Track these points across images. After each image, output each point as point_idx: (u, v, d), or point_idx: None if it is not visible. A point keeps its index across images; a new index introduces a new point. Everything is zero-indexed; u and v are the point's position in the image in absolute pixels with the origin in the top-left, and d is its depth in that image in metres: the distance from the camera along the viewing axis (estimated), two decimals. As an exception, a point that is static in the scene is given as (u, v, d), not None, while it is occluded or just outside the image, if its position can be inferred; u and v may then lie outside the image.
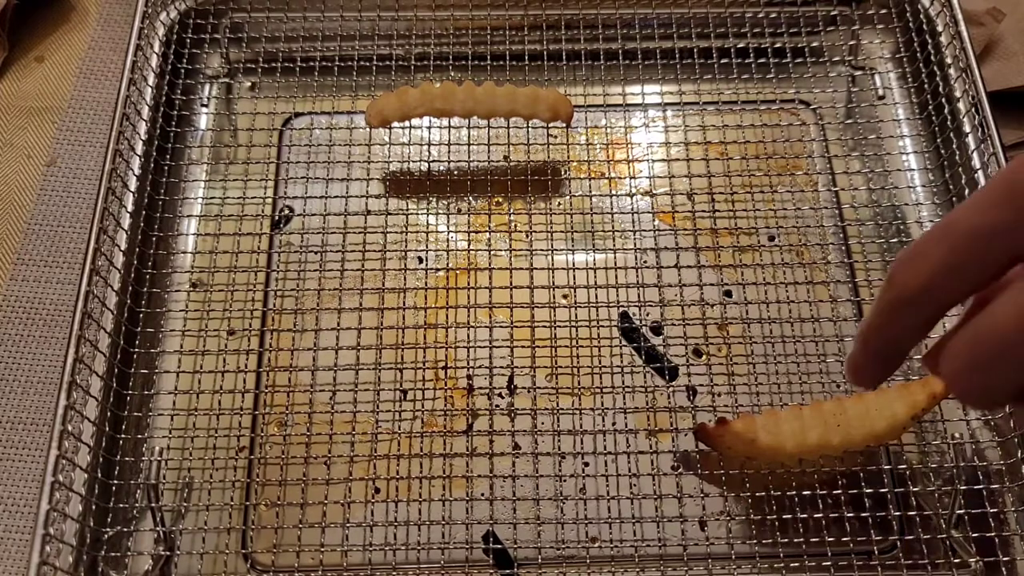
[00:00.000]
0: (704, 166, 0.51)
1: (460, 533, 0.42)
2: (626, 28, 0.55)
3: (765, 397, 0.44)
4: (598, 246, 0.49)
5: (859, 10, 0.54)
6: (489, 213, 0.50)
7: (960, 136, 0.49)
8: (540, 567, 0.41)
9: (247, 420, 0.44)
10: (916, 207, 0.50)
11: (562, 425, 0.44)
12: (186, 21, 0.54)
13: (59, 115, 0.55)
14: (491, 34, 0.55)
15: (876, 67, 0.55)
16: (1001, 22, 0.54)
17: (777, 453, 0.40)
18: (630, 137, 0.53)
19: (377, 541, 0.42)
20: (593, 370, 0.46)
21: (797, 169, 0.52)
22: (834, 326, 0.46)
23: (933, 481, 0.43)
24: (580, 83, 0.54)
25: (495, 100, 0.47)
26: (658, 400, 0.45)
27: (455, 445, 0.44)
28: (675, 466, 0.44)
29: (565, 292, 0.48)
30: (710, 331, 0.47)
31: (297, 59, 0.54)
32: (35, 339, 0.48)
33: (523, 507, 0.42)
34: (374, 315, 0.47)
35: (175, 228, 0.50)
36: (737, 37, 0.54)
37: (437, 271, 0.49)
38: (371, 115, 0.48)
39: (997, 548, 0.41)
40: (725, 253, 0.49)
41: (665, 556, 0.41)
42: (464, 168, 0.52)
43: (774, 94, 0.55)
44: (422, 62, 0.55)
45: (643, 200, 0.51)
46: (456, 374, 0.46)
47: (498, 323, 0.47)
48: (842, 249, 0.49)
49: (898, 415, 0.40)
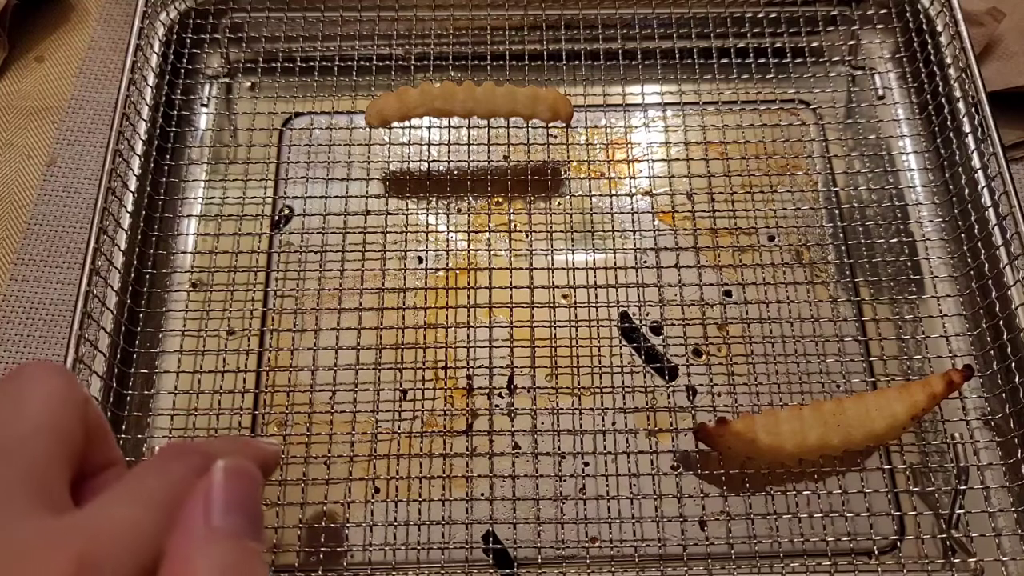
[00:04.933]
0: (704, 166, 0.51)
1: (460, 533, 0.42)
2: (626, 28, 0.54)
3: (765, 397, 0.44)
4: (598, 246, 0.49)
5: (859, 10, 0.54)
6: (489, 213, 0.50)
7: (960, 136, 0.49)
8: (540, 567, 0.41)
9: (247, 420, 0.44)
10: (916, 207, 0.50)
11: (562, 425, 0.44)
12: (186, 21, 0.54)
13: (59, 115, 0.55)
14: (491, 34, 0.54)
15: (876, 67, 0.55)
16: (1001, 22, 0.54)
17: (777, 453, 0.40)
18: (630, 137, 0.53)
19: (377, 541, 0.42)
20: (593, 370, 0.46)
21: (797, 169, 0.52)
22: (834, 326, 0.46)
23: (933, 481, 0.43)
24: (580, 83, 0.54)
25: (495, 100, 0.47)
26: (658, 400, 0.45)
27: (455, 445, 0.44)
28: (675, 466, 0.44)
29: (565, 292, 0.48)
30: (710, 331, 0.47)
31: (297, 59, 0.54)
32: (35, 339, 0.48)
33: (523, 507, 0.42)
34: (374, 315, 0.47)
35: (175, 228, 0.50)
36: (737, 37, 0.54)
37: (437, 271, 0.49)
38: (371, 115, 0.48)
39: (997, 548, 0.41)
40: (725, 253, 0.49)
41: (665, 556, 0.41)
42: (464, 168, 0.52)
43: (774, 94, 0.55)
44: (422, 62, 0.55)
45: (643, 200, 0.51)
46: (456, 374, 0.46)
47: (498, 323, 0.47)
48: (842, 249, 0.49)
49: (898, 415, 0.40)
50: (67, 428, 0.21)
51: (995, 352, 0.45)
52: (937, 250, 0.48)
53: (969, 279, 0.47)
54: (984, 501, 0.42)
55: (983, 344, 0.46)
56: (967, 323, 0.46)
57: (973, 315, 0.46)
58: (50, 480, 0.20)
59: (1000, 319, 0.45)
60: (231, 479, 0.20)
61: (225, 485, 0.20)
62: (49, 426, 0.21)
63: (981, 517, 0.41)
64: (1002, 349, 0.44)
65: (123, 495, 0.20)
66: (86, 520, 0.19)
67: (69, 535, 0.19)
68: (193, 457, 0.21)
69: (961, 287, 0.47)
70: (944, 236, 0.49)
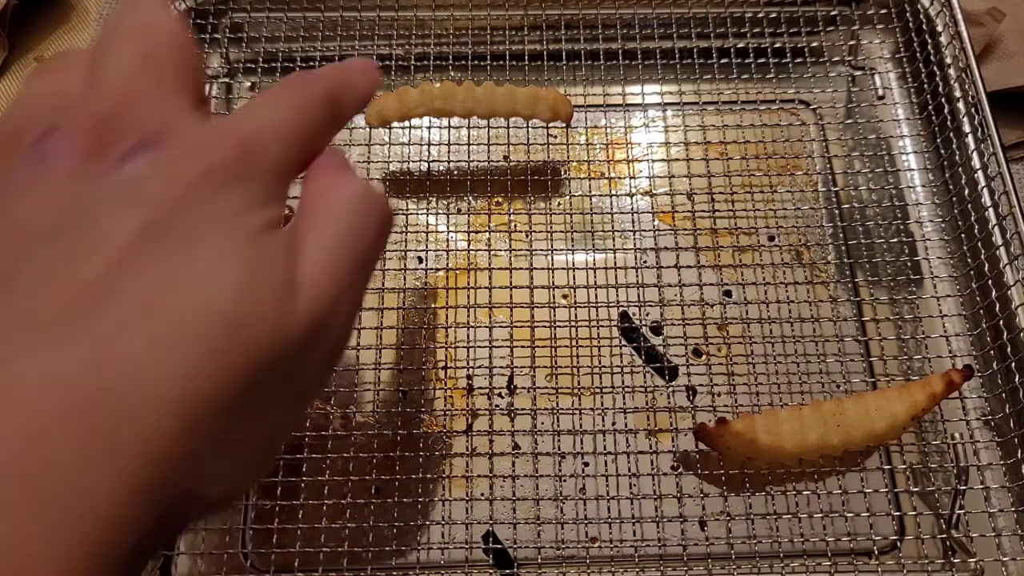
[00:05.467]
0: (704, 166, 0.51)
1: (460, 533, 0.42)
2: (626, 28, 0.55)
3: (765, 397, 0.44)
4: (598, 246, 0.49)
5: (859, 10, 0.54)
6: (489, 213, 0.50)
7: (960, 136, 0.49)
8: (540, 567, 0.41)
9: (247, 420, 0.44)
10: (916, 207, 0.50)
11: (562, 425, 0.44)
12: (186, 21, 0.54)
13: (59, 115, 0.55)
14: (491, 34, 0.55)
15: (876, 67, 0.55)
16: (1001, 22, 0.54)
17: (777, 453, 0.40)
18: (630, 137, 0.53)
19: (377, 541, 0.42)
20: (593, 370, 0.46)
21: (797, 169, 0.52)
22: (834, 326, 0.46)
23: (933, 481, 0.43)
24: (580, 83, 0.54)
25: (495, 100, 0.47)
26: (658, 400, 0.45)
27: (455, 445, 0.44)
28: (675, 466, 0.44)
29: (565, 292, 0.48)
30: (710, 331, 0.47)
31: (297, 59, 0.54)
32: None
33: (523, 507, 0.42)
34: (374, 315, 0.47)
35: (175, 228, 0.50)
36: (737, 37, 0.54)
37: (437, 271, 0.49)
38: (371, 115, 0.48)
39: (997, 548, 0.41)
40: (725, 253, 0.49)
41: (665, 556, 0.41)
42: (464, 168, 0.52)
43: (774, 94, 0.55)
44: (422, 62, 0.55)
45: (643, 200, 0.51)
46: (456, 374, 0.46)
47: (498, 323, 0.47)
48: (842, 249, 0.49)
49: (898, 415, 0.40)
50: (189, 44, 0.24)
51: (995, 352, 0.45)
52: (937, 250, 0.48)
53: (969, 279, 0.47)
54: (984, 501, 0.42)
55: (983, 344, 0.46)
56: (967, 323, 0.46)
57: (973, 315, 0.46)
58: (200, 85, 0.24)
59: (1000, 319, 0.45)
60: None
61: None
62: (184, 42, 0.23)
63: (981, 517, 0.41)
64: (1002, 349, 0.44)
65: (266, 105, 0.23)
66: (238, 119, 0.23)
67: (228, 128, 0.22)
68: (315, 84, 0.24)
69: (961, 287, 0.47)
70: (944, 236, 0.49)
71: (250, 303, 0.20)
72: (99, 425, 0.18)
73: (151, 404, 0.18)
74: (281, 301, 0.21)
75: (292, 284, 0.21)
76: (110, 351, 0.18)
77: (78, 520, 0.17)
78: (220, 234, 0.20)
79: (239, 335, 0.19)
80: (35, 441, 0.17)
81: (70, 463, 0.17)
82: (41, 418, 0.17)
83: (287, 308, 0.21)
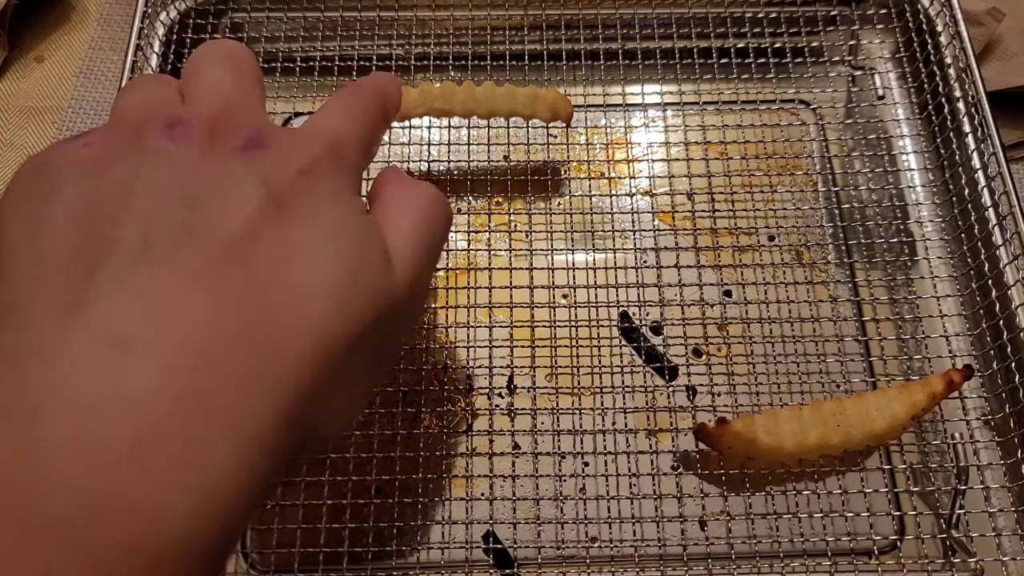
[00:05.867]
0: (704, 166, 0.51)
1: (460, 533, 0.42)
2: (626, 28, 0.55)
3: (765, 397, 0.44)
4: (598, 246, 0.49)
5: (859, 10, 0.54)
6: (489, 213, 0.50)
7: (960, 136, 0.49)
8: (540, 567, 0.41)
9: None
10: (916, 207, 0.50)
11: (562, 425, 0.44)
12: (186, 21, 0.54)
13: (59, 115, 0.55)
14: (491, 34, 0.55)
15: (876, 67, 0.55)
16: (1001, 22, 0.54)
17: (777, 453, 0.40)
18: (630, 137, 0.53)
19: (377, 541, 0.42)
20: (593, 370, 0.46)
21: (797, 169, 0.52)
22: (834, 326, 0.46)
23: (933, 481, 0.43)
24: (580, 83, 0.54)
25: (495, 100, 0.47)
26: (658, 400, 0.45)
27: (455, 445, 0.44)
28: (675, 466, 0.44)
29: (565, 292, 0.48)
30: (710, 331, 0.47)
31: (297, 59, 0.54)
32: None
33: (523, 507, 0.42)
34: (374, 315, 0.47)
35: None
36: (737, 37, 0.54)
37: (437, 271, 0.49)
38: (371, 115, 0.48)
39: (997, 548, 0.41)
40: (725, 253, 0.49)
41: (665, 556, 0.41)
42: (464, 168, 0.52)
43: (774, 94, 0.55)
44: (422, 62, 0.55)
45: (643, 200, 0.51)
46: (456, 374, 0.46)
47: (498, 323, 0.47)
48: (842, 249, 0.49)
49: (898, 415, 0.40)
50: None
51: (995, 352, 0.45)
52: (937, 250, 0.48)
53: (969, 279, 0.47)
54: (984, 501, 0.42)
55: (983, 344, 0.46)
56: (967, 323, 0.46)
57: (973, 315, 0.46)
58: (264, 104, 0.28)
59: (1000, 319, 0.45)
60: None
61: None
62: (259, 69, 0.29)
63: (981, 517, 0.41)
64: (1002, 349, 0.44)
65: (337, 113, 0.28)
66: (318, 125, 0.27)
67: (316, 131, 0.26)
68: (369, 93, 0.29)
69: (961, 287, 0.47)
70: (944, 236, 0.49)
71: (363, 266, 0.24)
72: (252, 357, 0.21)
73: (292, 340, 0.22)
74: (384, 266, 0.25)
75: (388, 256, 0.26)
76: (255, 296, 0.22)
77: (240, 440, 0.20)
78: (331, 211, 0.24)
79: (357, 289, 0.24)
80: (203, 370, 0.20)
81: (231, 387, 0.20)
82: (208, 350, 0.20)
83: (388, 272, 0.25)
